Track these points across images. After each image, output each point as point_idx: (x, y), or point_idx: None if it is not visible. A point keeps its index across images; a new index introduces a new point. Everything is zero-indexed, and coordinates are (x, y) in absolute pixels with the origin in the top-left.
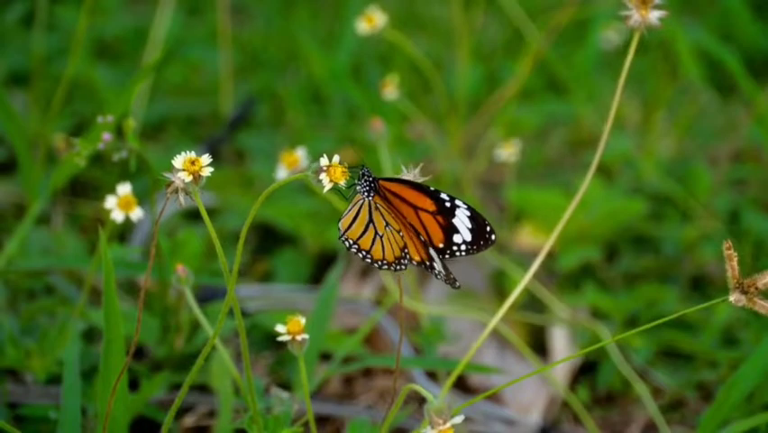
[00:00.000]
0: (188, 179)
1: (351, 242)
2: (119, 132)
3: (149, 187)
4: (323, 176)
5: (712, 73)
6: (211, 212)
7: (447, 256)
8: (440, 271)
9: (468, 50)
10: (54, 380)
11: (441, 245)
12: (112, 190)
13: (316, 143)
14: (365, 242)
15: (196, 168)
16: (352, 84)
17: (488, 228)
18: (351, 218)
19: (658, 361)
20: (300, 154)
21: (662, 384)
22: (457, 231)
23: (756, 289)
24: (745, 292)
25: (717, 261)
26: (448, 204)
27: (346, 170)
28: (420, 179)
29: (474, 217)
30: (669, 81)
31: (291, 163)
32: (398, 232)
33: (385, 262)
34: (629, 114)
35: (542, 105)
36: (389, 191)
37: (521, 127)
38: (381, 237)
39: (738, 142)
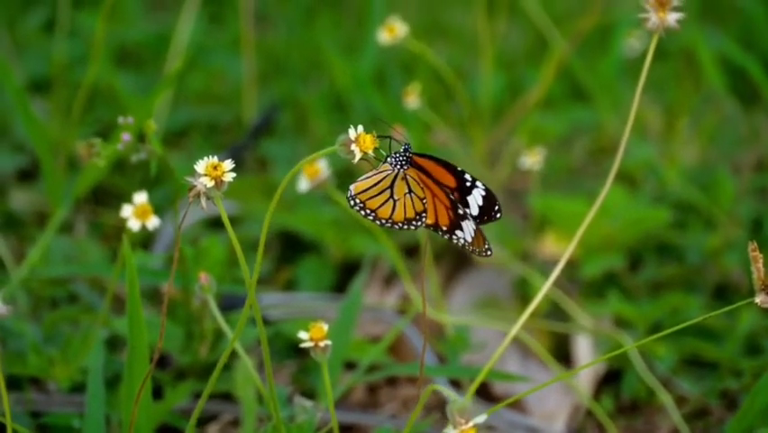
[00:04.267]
0: (210, 183)
1: (358, 201)
2: (141, 138)
3: (172, 194)
4: (353, 147)
5: (735, 81)
6: (234, 220)
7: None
8: (461, 239)
9: (490, 58)
10: (77, 388)
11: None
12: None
13: None
14: (373, 203)
15: (219, 173)
16: (375, 91)
17: (495, 207)
18: (368, 185)
19: (682, 369)
20: (321, 165)
21: (686, 393)
22: (467, 206)
23: None
24: None
25: (741, 269)
26: (468, 183)
27: (376, 138)
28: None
29: (488, 197)
30: (692, 89)
31: (312, 174)
32: (422, 199)
33: (390, 221)
34: (652, 121)
35: (565, 112)
36: (419, 167)
37: (544, 135)
38: (396, 201)
39: (761, 150)
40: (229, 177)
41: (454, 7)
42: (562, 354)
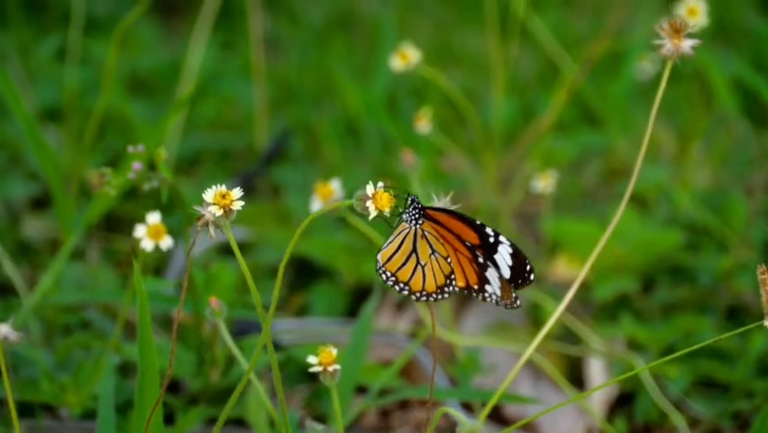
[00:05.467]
0: (219, 212)
1: (389, 274)
2: (153, 166)
3: (183, 220)
4: (369, 203)
5: (747, 103)
6: (246, 246)
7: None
8: (492, 294)
9: (502, 83)
10: (90, 415)
11: (477, 280)
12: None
13: (352, 177)
14: (404, 273)
15: (227, 202)
16: (387, 117)
17: (527, 267)
18: (393, 249)
19: (694, 391)
20: (335, 186)
21: (699, 414)
22: (496, 267)
23: None
24: None
25: (754, 291)
26: (492, 239)
27: (392, 197)
28: (451, 208)
29: (516, 255)
30: (704, 111)
31: (325, 195)
32: (446, 258)
33: (424, 293)
34: (664, 144)
35: (577, 136)
36: (435, 220)
37: (556, 159)
38: (423, 267)
39: None
40: (238, 205)
41: (466, 32)
42: (575, 376)
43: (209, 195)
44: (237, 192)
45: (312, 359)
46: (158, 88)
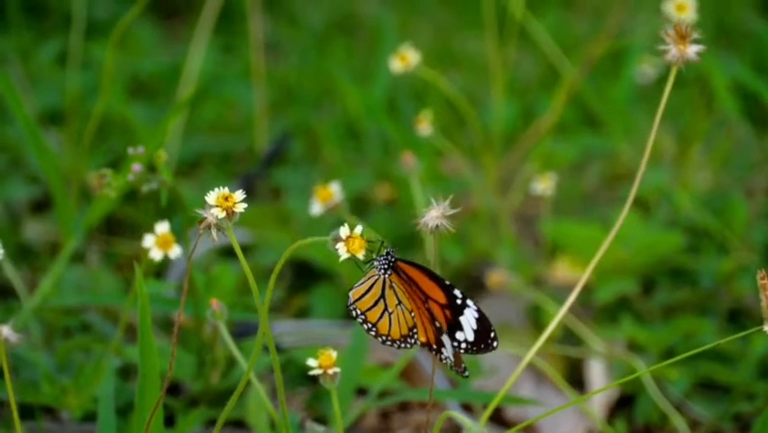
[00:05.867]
0: (222, 215)
1: (359, 312)
2: (153, 168)
3: (183, 223)
4: (340, 245)
5: (748, 106)
6: (247, 248)
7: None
8: (447, 357)
9: (502, 85)
10: (90, 417)
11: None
12: (147, 228)
13: (352, 179)
14: (373, 315)
15: (230, 204)
16: (388, 119)
17: (492, 334)
18: (363, 291)
19: (695, 393)
20: (334, 189)
21: (700, 416)
22: (461, 329)
23: None
24: None
25: (755, 293)
26: (459, 301)
27: (365, 242)
28: (450, 212)
29: (481, 320)
30: (705, 115)
31: (325, 198)
32: (410, 312)
33: (389, 338)
34: (665, 147)
35: (577, 139)
36: (405, 274)
37: (556, 161)
38: (390, 314)
39: None
40: (240, 207)
41: (466, 35)
42: (576, 378)
43: (212, 197)
44: (240, 194)
45: (312, 362)
46: (158, 91)
